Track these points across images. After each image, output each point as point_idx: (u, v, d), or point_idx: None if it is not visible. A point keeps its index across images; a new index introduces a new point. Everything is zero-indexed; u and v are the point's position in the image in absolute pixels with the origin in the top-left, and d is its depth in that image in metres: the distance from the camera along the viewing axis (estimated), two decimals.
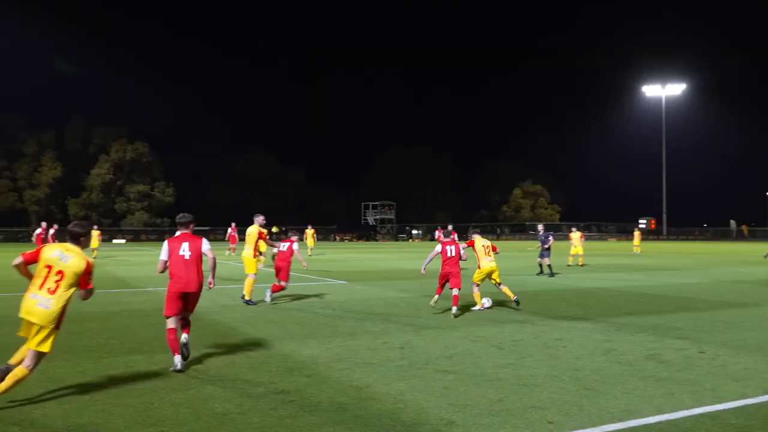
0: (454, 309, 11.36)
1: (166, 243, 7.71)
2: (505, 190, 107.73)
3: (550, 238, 21.49)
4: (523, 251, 42.71)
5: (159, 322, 10.52)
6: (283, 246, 13.52)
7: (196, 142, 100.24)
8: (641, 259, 33.59)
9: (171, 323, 7.39)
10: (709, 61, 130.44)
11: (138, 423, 5.38)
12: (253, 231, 13.24)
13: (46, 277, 5.84)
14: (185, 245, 7.62)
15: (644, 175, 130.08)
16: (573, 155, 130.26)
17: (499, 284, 12.64)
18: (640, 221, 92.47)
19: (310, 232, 37.42)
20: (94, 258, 31.89)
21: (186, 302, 7.50)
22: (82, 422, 5.39)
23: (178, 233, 7.84)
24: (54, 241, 30.45)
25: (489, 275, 12.49)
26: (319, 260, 31.92)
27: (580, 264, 26.46)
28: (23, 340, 5.95)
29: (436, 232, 24.21)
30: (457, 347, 8.59)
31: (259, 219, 13.56)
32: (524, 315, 11.72)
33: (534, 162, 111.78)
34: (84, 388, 6.48)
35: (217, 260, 7.81)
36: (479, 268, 12.56)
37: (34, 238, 28.99)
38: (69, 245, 6.08)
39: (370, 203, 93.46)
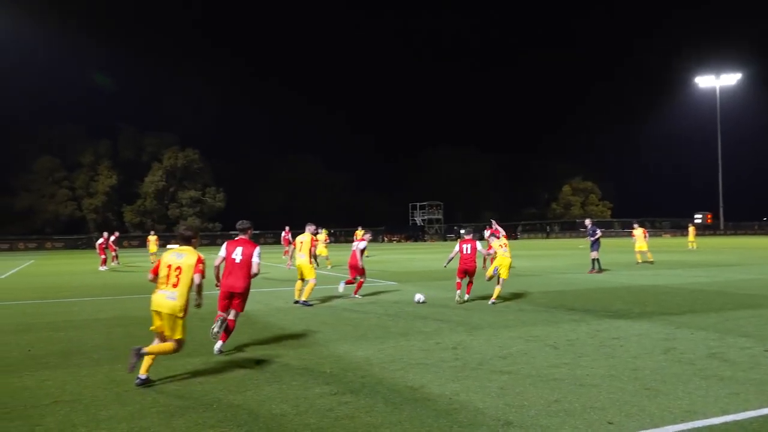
0: (466, 296, 13.44)
1: (225, 244, 9.02)
2: (553, 187, 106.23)
3: (598, 231, 21.71)
4: (572, 249, 42.04)
5: (207, 325, 10.71)
6: (359, 245, 14.84)
7: (245, 148, 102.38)
8: (697, 255, 32.63)
9: (219, 314, 8.77)
10: (766, 50, 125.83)
11: (198, 424, 5.49)
12: (305, 239, 13.76)
13: (168, 275, 7.09)
14: (239, 250, 8.81)
15: (699, 168, 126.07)
16: (624, 150, 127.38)
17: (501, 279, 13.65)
18: (696, 216, 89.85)
19: (360, 233, 37.50)
20: (152, 262, 32.72)
21: (231, 301, 8.70)
22: (144, 425, 5.52)
23: (237, 237, 9.07)
24: (114, 248, 31.38)
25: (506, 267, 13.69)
26: (368, 261, 32.03)
27: (650, 260, 25.68)
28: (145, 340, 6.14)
29: (486, 232, 24.04)
30: (511, 347, 8.50)
31: (311, 228, 14.16)
32: (579, 314, 11.53)
33: (583, 158, 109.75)
34: (145, 391, 6.66)
35: (261, 267, 8.98)
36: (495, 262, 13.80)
37: (97, 248, 29.63)
38: (182, 246, 7.39)
39: (418, 204, 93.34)
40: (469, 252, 13.29)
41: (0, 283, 21.43)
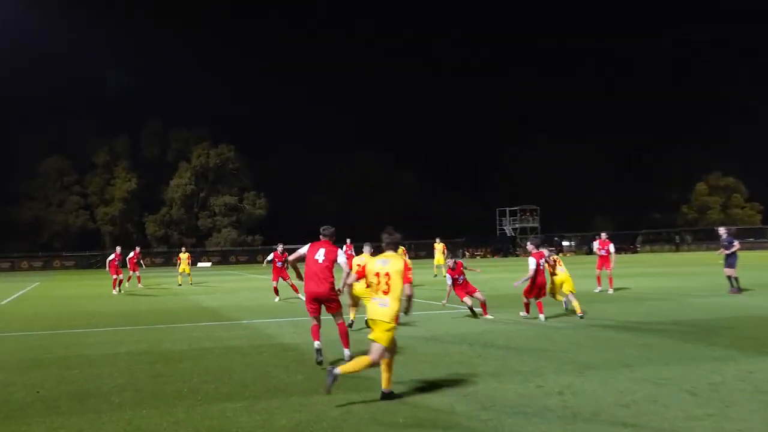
0: (542, 317, 15.25)
1: (308, 244, 10.86)
2: (684, 185, 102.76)
3: (735, 243, 21.47)
4: (709, 264, 40.76)
5: (259, 362, 10.96)
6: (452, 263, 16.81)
7: (291, 143, 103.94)
8: None
9: (313, 321, 10.77)
10: None
11: None
12: (362, 262, 13.89)
13: (378, 283, 8.28)
14: (321, 251, 10.67)
15: None
16: None
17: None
18: None
19: (439, 247, 37.54)
20: (179, 284, 33.61)
21: (320, 305, 10.69)
22: None
23: (320, 240, 10.96)
24: (135, 267, 32.33)
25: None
26: (442, 281, 31.94)
27: None
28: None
29: (594, 243, 23.82)
30: (635, 392, 8.31)
31: (368, 249, 15.01)
32: (723, 349, 11.17)
33: (723, 148, 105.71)
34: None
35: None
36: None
37: (107, 265, 29.62)
38: (387, 253, 8.53)
39: (507, 209, 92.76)
40: (542, 268, 15.33)
41: (1, 310, 22.43)
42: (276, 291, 23.44)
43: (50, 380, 9.96)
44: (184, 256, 34.64)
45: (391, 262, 8.31)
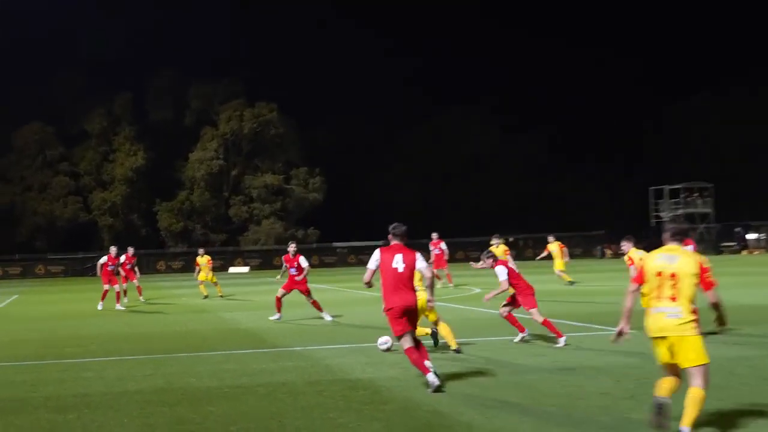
0: None
1: (378, 252, 12.12)
2: None
3: None
4: None
5: (318, 405, 11.09)
6: None
7: (355, 102, 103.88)
8: None
9: (406, 342, 11.86)
10: None
11: None
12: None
13: (661, 286, 8.66)
14: (398, 257, 11.84)
15: None
16: None
17: None
18: None
19: (554, 245, 37.30)
20: (205, 296, 34.12)
21: (410, 318, 11.85)
22: None
23: (391, 244, 12.18)
24: (132, 273, 32.85)
25: None
26: (574, 291, 31.67)
27: None
28: None
29: None
30: None
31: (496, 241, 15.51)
32: None
33: None
34: None
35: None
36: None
37: (98, 270, 30.87)
38: (670, 246, 8.96)
39: (665, 188, 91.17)
40: None
41: None
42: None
43: (38, 428, 10.24)
44: (203, 260, 35.18)
45: (679, 260, 8.72)
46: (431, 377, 11.59)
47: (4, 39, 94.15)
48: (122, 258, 32.57)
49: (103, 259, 30.78)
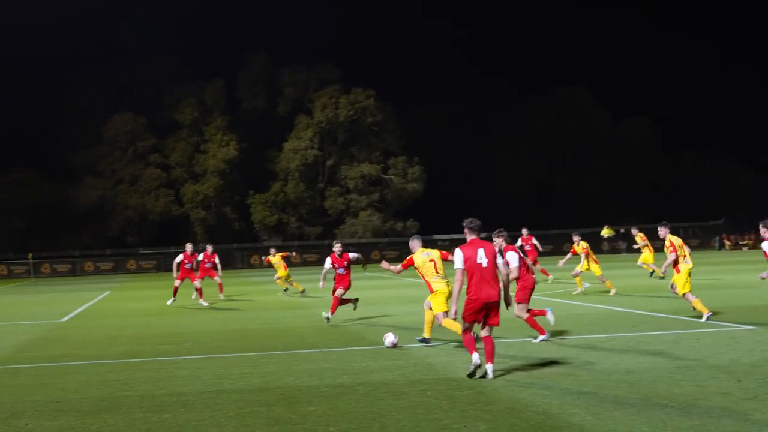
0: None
1: (459, 251, 12.95)
2: None
3: None
4: None
5: (421, 405, 11.15)
6: None
7: (456, 91, 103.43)
8: None
9: (467, 327, 13.02)
10: None
11: None
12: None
13: None
14: (481, 252, 12.82)
15: None
16: None
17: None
18: None
19: (639, 237, 37.42)
20: (285, 289, 34.42)
21: (487, 314, 12.82)
22: None
23: (469, 239, 13.15)
24: (213, 271, 33.13)
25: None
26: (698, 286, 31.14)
27: None
28: None
29: None
30: None
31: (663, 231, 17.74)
32: None
33: None
34: None
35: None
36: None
37: (174, 270, 32.03)
38: None
39: None
40: None
41: (62, 331, 23.85)
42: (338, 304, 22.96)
43: (134, 428, 10.49)
44: (275, 259, 35.43)
45: None
46: (475, 356, 12.70)
47: (94, 28, 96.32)
48: (200, 256, 33.06)
49: (179, 258, 31.59)
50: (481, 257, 12.77)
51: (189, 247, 32.39)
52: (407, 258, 17.37)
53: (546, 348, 15.88)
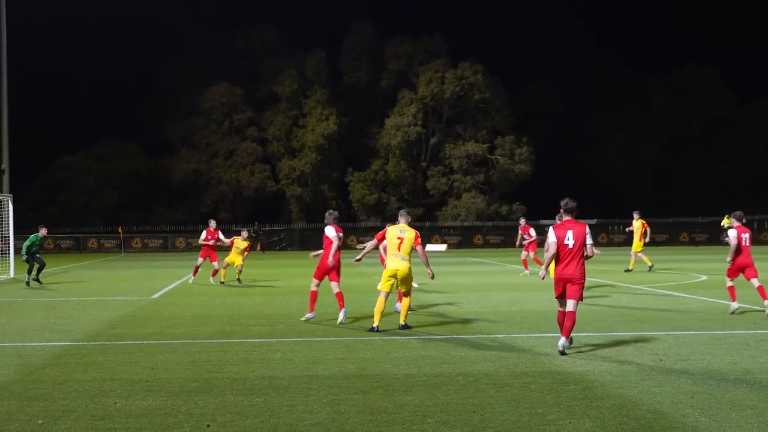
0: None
1: (552, 230, 14.79)
2: None
3: None
4: None
5: (524, 398, 11.13)
6: None
7: (568, 69, 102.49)
8: None
9: (559, 305, 14.91)
10: None
11: None
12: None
13: None
14: (570, 233, 14.57)
15: None
16: None
17: None
18: None
19: (637, 225, 37.43)
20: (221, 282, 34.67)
21: (568, 289, 14.51)
22: None
23: (563, 220, 14.98)
24: (211, 253, 33.22)
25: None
26: None
27: None
28: None
29: None
30: None
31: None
32: None
33: None
34: None
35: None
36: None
37: (201, 242, 33.50)
38: None
39: None
40: (747, 244, 20.47)
41: (152, 308, 24.35)
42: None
43: (224, 411, 10.66)
44: (242, 243, 35.26)
45: None
46: (562, 340, 14.52)
47: None
48: (203, 234, 33.56)
49: (203, 235, 32.89)
50: (569, 238, 14.57)
51: (212, 223, 33.57)
52: (382, 231, 19.18)
53: (658, 344, 15.70)
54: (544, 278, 15.75)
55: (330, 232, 20.04)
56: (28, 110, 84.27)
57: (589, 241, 14.66)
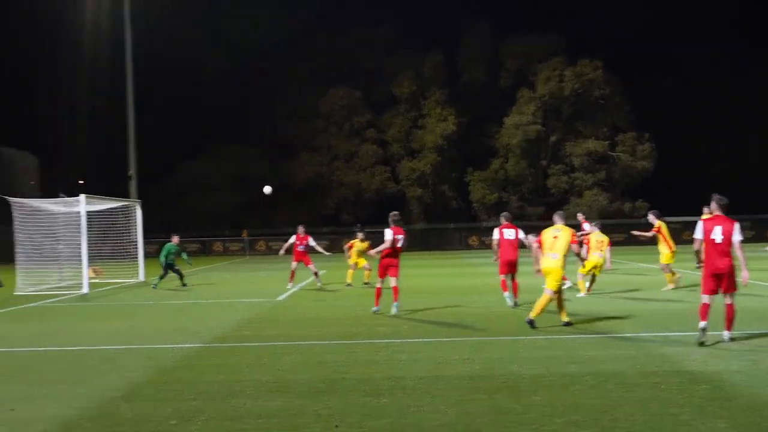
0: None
1: (700, 223, 15.53)
2: None
3: None
4: None
5: (653, 399, 11.06)
6: None
7: (690, 63, 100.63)
8: None
9: (705, 299, 15.20)
10: None
11: None
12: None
13: None
14: (717, 229, 15.10)
15: None
16: None
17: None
18: None
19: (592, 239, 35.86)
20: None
21: (720, 283, 15.09)
22: None
23: (712, 215, 15.67)
24: (305, 257, 32.78)
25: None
26: None
27: None
28: None
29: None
30: None
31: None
32: None
33: None
34: None
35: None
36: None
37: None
38: None
39: None
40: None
41: (278, 310, 24.73)
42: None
43: (351, 411, 10.78)
44: (359, 242, 34.73)
45: None
46: (703, 324, 14.97)
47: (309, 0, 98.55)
48: (292, 238, 33.53)
49: (292, 239, 33.04)
50: (716, 233, 15.14)
51: (301, 229, 33.24)
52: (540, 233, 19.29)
53: None
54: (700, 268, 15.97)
55: (387, 234, 21.85)
56: (151, 117, 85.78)
57: (737, 237, 15.03)
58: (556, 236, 18.52)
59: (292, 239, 33.05)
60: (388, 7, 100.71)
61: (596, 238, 26.90)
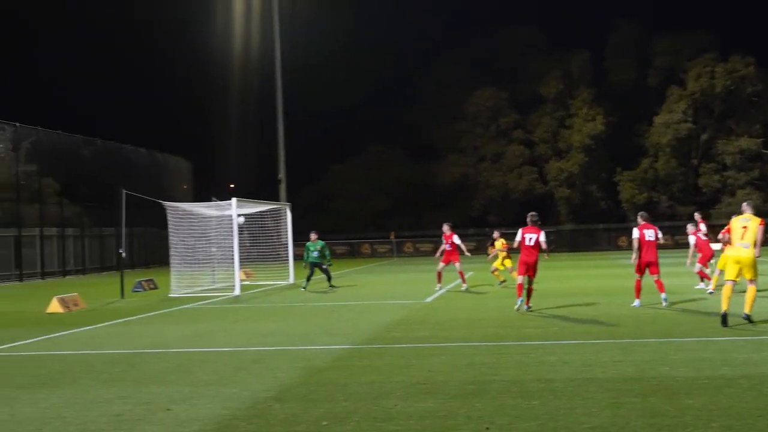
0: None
1: None
2: None
3: None
4: None
5: None
6: None
7: None
8: None
9: None
10: None
11: None
12: None
13: None
14: None
15: None
16: None
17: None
18: None
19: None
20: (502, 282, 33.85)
21: None
22: None
23: None
24: (454, 256, 32.34)
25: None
26: None
27: None
28: None
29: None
30: None
31: None
32: None
33: None
34: None
35: None
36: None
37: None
38: None
39: None
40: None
41: (426, 311, 24.92)
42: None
43: (501, 413, 10.76)
44: (498, 244, 33.83)
45: None
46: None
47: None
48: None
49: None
50: None
51: (446, 227, 32.38)
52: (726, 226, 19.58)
53: None
54: None
55: (517, 234, 23.87)
56: (300, 121, 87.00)
57: None
58: (746, 226, 18.36)
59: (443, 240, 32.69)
60: (532, 5, 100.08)
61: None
